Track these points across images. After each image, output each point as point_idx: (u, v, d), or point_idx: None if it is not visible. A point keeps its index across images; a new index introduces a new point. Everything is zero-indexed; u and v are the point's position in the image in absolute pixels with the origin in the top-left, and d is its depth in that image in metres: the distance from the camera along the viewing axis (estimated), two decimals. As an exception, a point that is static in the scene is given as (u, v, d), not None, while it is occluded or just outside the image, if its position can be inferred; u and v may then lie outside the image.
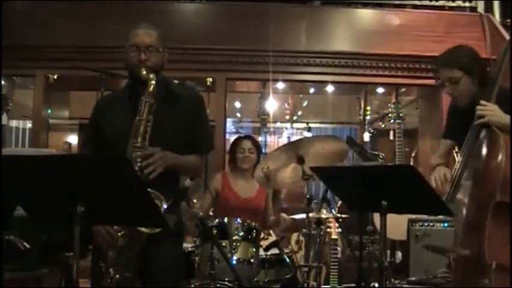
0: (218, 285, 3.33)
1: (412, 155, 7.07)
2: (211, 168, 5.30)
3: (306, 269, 3.86)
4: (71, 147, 8.24)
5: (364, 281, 4.01)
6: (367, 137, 7.93)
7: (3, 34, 5.26)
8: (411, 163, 6.61)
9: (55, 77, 6.01)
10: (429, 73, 5.54)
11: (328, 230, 4.55)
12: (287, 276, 3.75)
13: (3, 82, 6.30)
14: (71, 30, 5.74)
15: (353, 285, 4.44)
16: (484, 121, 2.68)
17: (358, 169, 2.71)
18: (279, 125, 8.80)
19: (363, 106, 7.95)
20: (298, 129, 8.89)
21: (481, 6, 6.23)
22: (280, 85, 6.71)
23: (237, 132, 8.52)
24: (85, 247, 2.76)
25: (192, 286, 3.40)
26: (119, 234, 2.54)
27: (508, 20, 6.19)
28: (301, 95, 8.20)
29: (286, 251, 3.89)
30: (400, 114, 5.94)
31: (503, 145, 2.58)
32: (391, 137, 6.47)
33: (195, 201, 3.00)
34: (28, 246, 3.63)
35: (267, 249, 3.64)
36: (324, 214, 4.02)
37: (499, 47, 3.62)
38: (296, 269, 3.91)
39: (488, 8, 6.22)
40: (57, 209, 2.15)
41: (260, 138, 8.27)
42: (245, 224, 3.56)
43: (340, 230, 4.48)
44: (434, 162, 3.00)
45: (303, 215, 3.89)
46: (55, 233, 3.58)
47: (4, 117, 7.06)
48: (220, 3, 6.11)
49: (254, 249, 3.52)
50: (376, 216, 3.48)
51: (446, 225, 4.43)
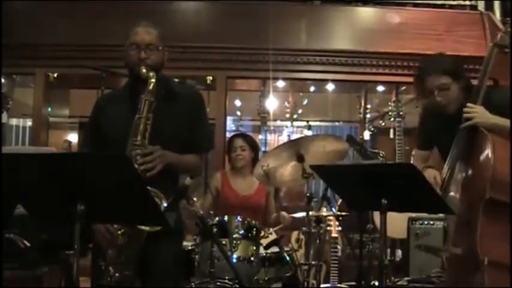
0: (218, 284, 3.33)
1: (412, 153, 7.04)
2: (212, 166, 5.30)
3: (306, 267, 3.86)
4: (71, 145, 8.26)
5: (364, 279, 4.01)
6: (367, 135, 7.91)
7: (3, 33, 5.26)
8: (411, 161, 6.59)
9: (55, 75, 6.01)
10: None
11: (328, 228, 4.54)
12: (287, 275, 3.76)
13: (3, 80, 6.29)
14: (71, 28, 5.74)
15: (353, 283, 4.43)
16: (472, 123, 2.71)
17: (358, 167, 2.71)
18: (279, 123, 8.80)
19: (363, 104, 7.93)
20: (298, 127, 8.89)
21: (481, 5, 6.22)
22: (281, 83, 6.70)
23: (237, 130, 8.51)
24: (85, 245, 2.75)
25: (192, 284, 3.40)
26: (119, 232, 2.54)
27: (508, 18, 6.17)
28: (301, 93, 8.19)
29: (286, 249, 3.89)
30: (400, 113, 5.91)
31: (491, 144, 2.62)
32: (391, 136, 6.44)
33: (195, 199, 2.99)
34: (28, 244, 3.63)
35: (267, 248, 3.65)
36: (324, 212, 4.02)
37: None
38: (296, 267, 3.91)
39: (489, 6, 6.22)
40: (57, 207, 2.15)
41: (260, 137, 8.27)
42: (245, 222, 3.56)
43: (340, 228, 4.48)
44: (418, 168, 2.99)
45: (303, 213, 3.89)
46: (55, 232, 3.58)
47: (4, 115, 7.04)
48: (221, 2, 6.10)
49: (254, 248, 3.52)
50: (376, 215, 3.48)
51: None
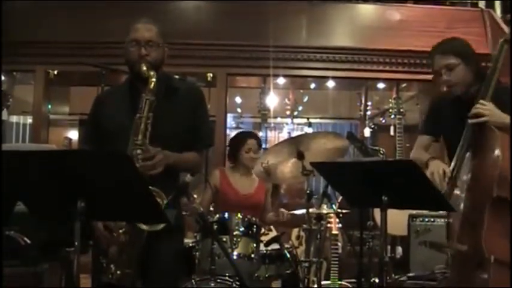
0: (219, 281, 3.33)
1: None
2: (212, 163, 5.29)
3: (306, 265, 3.87)
4: (71, 142, 8.26)
5: (364, 276, 4.01)
6: (367, 132, 7.91)
7: (3, 31, 5.25)
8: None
9: (55, 72, 6.01)
10: (430, 68, 5.52)
11: (328, 225, 4.54)
12: (287, 272, 3.75)
13: (3, 78, 6.29)
14: (71, 25, 5.73)
15: (353, 280, 4.44)
16: (483, 120, 2.71)
17: (359, 164, 2.71)
18: (279, 120, 8.79)
19: (363, 101, 7.94)
20: (298, 124, 8.88)
21: (482, 2, 6.22)
22: (281, 80, 6.70)
23: (237, 127, 8.50)
24: (85, 242, 2.75)
25: (193, 282, 3.40)
26: (120, 230, 2.54)
27: (509, 15, 6.17)
28: (301, 91, 8.19)
29: (286, 246, 3.89)
30: (401, 110, 5.92)
31: (500, 142, 2.61)
32: (392, 133, 6.46)
33: (195, 196, 2.99)
34: (28, 241, 3.63)
35: (267, 245, 3.64)
36: (324, 209, 4.02)
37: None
38: (297, 264, 3.91)
39: (489, 3, 6.22)
40: (57, 205, 2.15)
41: (261, 134, 8.25)
42: (245, 219, 3.56)
43: (340, 225, 4.48)
44: (424, 158, 2.98)
45: (304, 211, 3.89)
46: (55, 229, 3.58)
47: (4, 112, 7.06)
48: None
49: (255, 245, 3.52)
50: (377, 212, 3.48)
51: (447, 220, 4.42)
